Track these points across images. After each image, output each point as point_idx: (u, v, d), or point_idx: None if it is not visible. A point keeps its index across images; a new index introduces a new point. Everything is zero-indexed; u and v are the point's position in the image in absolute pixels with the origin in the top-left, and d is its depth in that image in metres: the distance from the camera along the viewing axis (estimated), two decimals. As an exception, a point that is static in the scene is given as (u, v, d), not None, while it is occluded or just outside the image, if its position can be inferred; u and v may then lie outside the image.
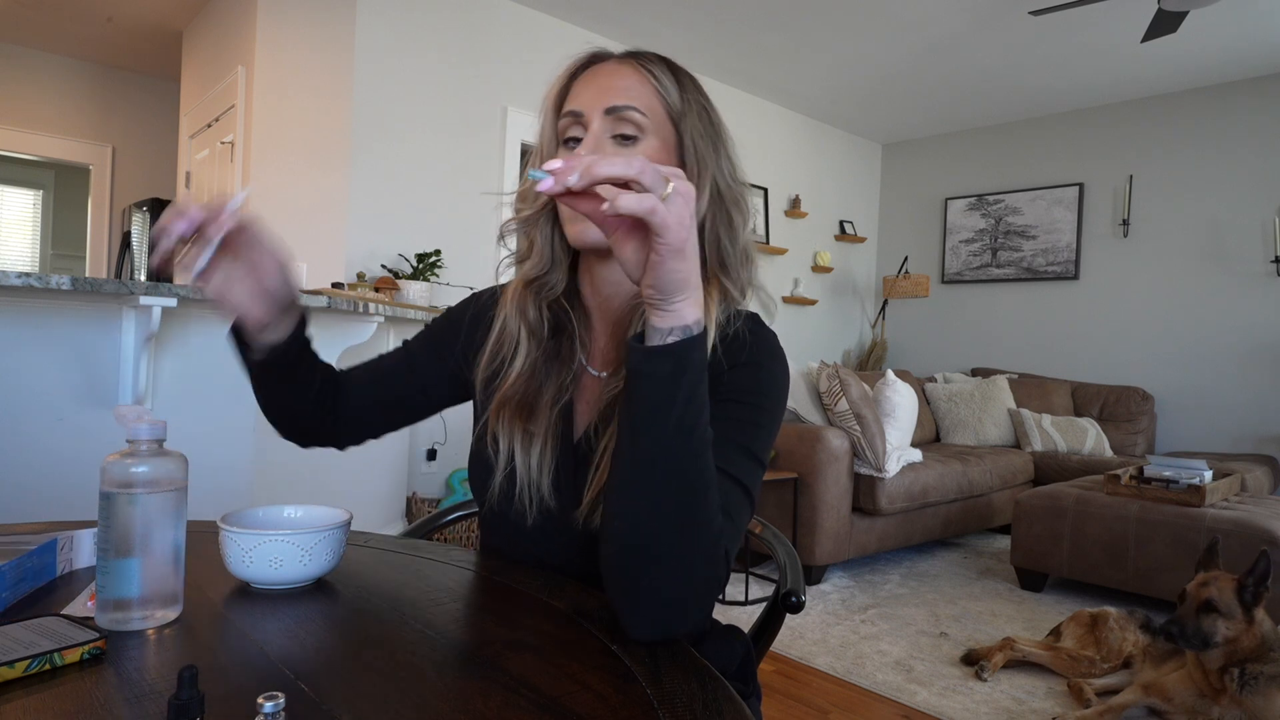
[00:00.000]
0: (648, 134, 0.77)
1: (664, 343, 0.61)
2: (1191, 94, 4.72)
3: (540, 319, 0.83)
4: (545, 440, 0.80)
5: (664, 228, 0.56)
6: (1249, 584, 1.89)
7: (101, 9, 4.32)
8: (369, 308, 2.31)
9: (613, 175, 0.55)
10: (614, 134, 0.77)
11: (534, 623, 0.68)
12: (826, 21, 4.04)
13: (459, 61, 3.73)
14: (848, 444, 3.18)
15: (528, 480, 0.79)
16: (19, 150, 4.95)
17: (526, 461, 0.80)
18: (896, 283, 5.65)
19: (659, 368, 0.61)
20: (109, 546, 0.63)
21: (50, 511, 1.79)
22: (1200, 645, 1.88)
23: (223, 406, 2.14)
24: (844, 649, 2.47)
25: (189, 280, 0.72)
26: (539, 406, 0.81)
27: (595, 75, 0.80)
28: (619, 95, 0.77)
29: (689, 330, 0.61)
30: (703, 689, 0.56)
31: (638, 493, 0.63)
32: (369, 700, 0.52)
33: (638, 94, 0.78)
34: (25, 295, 1.78)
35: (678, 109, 0.79)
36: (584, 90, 0.79)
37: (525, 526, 0.81)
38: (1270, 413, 4.39)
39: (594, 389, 0.83)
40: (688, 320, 0.61)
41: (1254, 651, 1.84)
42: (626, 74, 0.79)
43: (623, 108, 0.76)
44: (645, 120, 0.77)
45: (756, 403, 0.75)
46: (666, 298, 0.60)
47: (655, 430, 0.62)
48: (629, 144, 0.77)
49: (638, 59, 0.80)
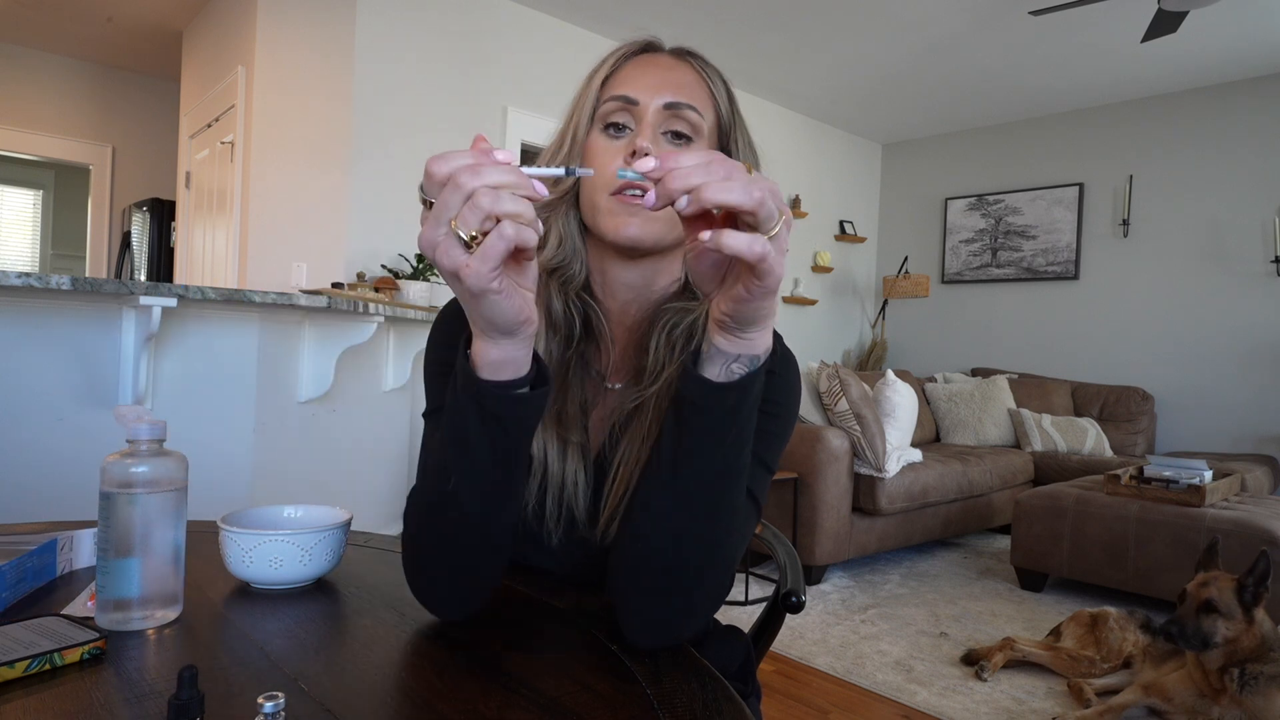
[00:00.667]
0: (700, 138, 0.74)
1: (730, 377, 0.56)
2: (1191, 94, 4.72)
3: (567, 312, 0.76)
4: (579, 452, 0.74)
5: (767, 272, 0.49)
6: (1249, 584, 1.89)
7: (101, 9, 4.32)
8: (369, 308, 2.31)
9: (729, 203, 0.46)
10: (667, 129, 0.73)
11: (534, 623, 0.67)
12: (826, 21, 4.04)
13: (459, 61, 3.73)
14: (848, 444, 3.18)
15: (561, 495, 0.74)
16: (19, 150, 4.95)
17: (561, 472, 0.73)
18: (896, 283, 5.65)
19: (719, 402, 0.57)
20: (109, 546, 0.63)
21: (50, 511, 1.79)
22: (1200, 646, 1.88)
23: (223, 406, 2.14)
24: (844, 649, 2.47)
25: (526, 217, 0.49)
26: (571, 413, 0.74)
27: (652, 64, 0.75)
28: (680, 91, 0.73)
29: (756, 360, 0.56)
30: (703, 689, 0.56)
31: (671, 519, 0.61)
32: (369, 700, 0.52)
33: (696, 94, 0.74)
34: (25, 295, 1.78)
35: (728, 120, 0.76)
36: (640, 76, 0.74)
37: (550, 544, 0.76)
38: (1270, 413, 4.39)
39: (607, 401, 0.78)
40: (758, 350, 0.56)
41: (1254, 652, 1.84)
42: (686, 71, 0.75)
43: (683, 105, 0.72)
44: (701, 123, 0.73)
45: (772, 411, 0.72)
46: (743, 327, 0.54)
47: (701, 463, 0.59)
48: (680, 143, 0.73)
49: (694, 59, 0.77)
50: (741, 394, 0.56)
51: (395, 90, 3.52)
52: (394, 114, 3.51)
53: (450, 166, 0.48)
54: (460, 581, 0.65)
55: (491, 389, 0.56)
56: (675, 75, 0.74)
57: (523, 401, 0.57)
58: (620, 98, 0.72)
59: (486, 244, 0.48)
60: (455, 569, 0.64)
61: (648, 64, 0.75)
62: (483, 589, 0.67)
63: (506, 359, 0.56)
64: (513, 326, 0.54)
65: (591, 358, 0.79)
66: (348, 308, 2.24)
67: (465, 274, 0.49)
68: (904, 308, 5.96)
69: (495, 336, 0.55)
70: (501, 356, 0.56)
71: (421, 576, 0.66)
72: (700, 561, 0.62)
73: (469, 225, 0.48)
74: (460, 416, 0.59)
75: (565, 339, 0.77)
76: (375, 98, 3.45)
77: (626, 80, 0.74)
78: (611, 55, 0.77)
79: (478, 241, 0.48)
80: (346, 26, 3.42)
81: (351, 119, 3.39)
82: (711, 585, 0.64)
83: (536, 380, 0.59)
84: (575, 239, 0.77)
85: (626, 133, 0.73)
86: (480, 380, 0.56)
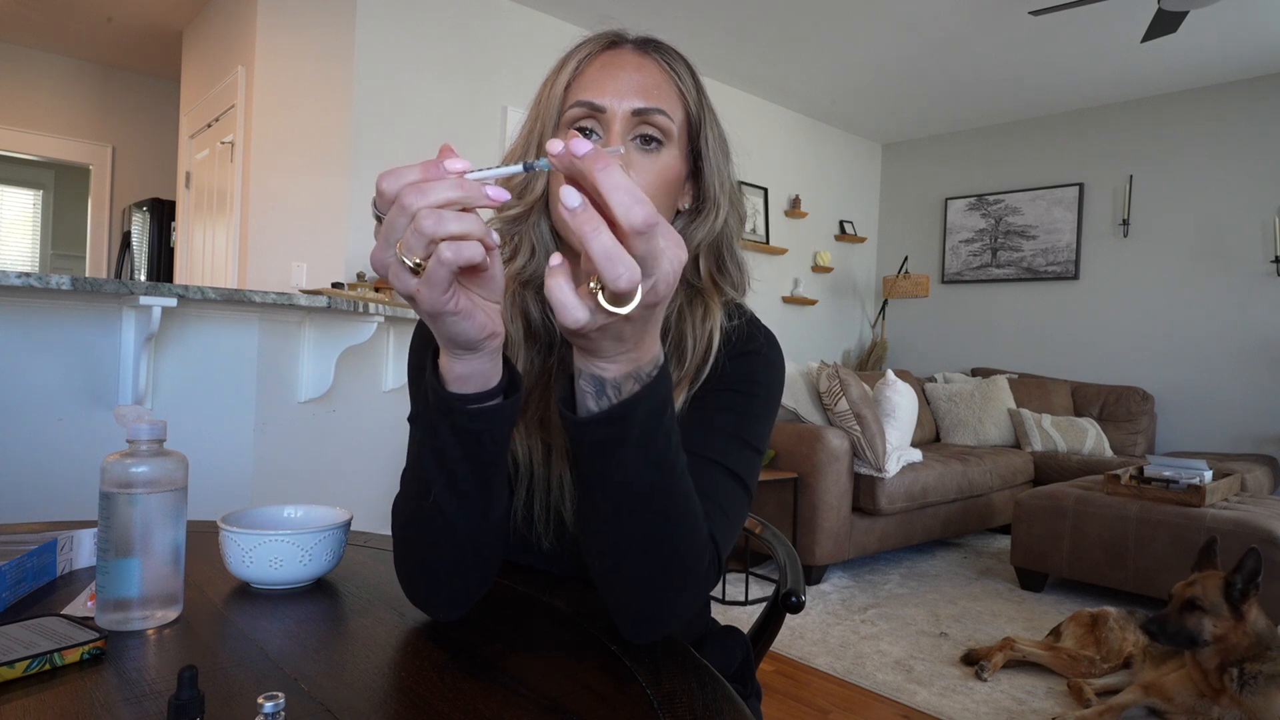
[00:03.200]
0: (670, 141, 0.71)
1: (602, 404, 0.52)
2: (1191, 94, 4.72)
3: (545, 321, 0.76)
4: (565, 456, 0.73)
5: (580, 336, 0.47)
6: (1237, 581, 1.88)
7: (101, 9, 4.32)
8: (369, 308, 2.31)
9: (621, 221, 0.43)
10: (635, 135, 0.70)
11: (534, 623, 0.67)
12: (826, 21, 4.04)
13: (459, 61, 3.73)
14: (848, 444, 3.18)
15: (548, 499, 0.73)
16: (19, 150, 4.95)
17: (546, 477, 0.73)
18: (896, 283, 5.65)
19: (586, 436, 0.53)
20: (109, 546, 0.63)
21: (50, 511, 1.79)
22: (1187, 643, 1.88)
23: (223, 407, 2.14)
24: (844, 649, 2.47)
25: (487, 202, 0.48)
26: (555, 418, 0.73)
27: (617, 64, 0.71)
28: (648, 94, 0.70)
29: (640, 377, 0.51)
30: (703, 689, 0.56)
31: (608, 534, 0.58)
32: (369, 700, 0.52)
33: (664, 95, 0.71)
34: (25, 295, 1.78)
35: (697, 117, 0.73)
36: (605, 81, 0.70)
37: (542, 548, 0.75)
38: (1270, 413, 4.39)
39: None
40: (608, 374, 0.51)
41: (1249, 650, 1.84)
42: (653, 71, 0.71)
43: (652, 110, 0.69)
44: (670, 126, 0.70)
45: (752, 391, 0.72)
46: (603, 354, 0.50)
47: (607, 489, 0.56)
48: (650, 147, 0.70)
49: (661, 54, 0.74)
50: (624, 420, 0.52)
51: (395, 90, 3.52)
52: (394, 113, 3.51)
53: (397, 185, 0.46)
54: (450, 584, 0.65)
55: (460, 403, 0.55)
56: (642, 76, 0.70)
57: (493, 414, 0.56)
58: (586, 104, 0.70)
59: (429, 271, 0.47)
60: (443, 573, 0.64)
61: (613, 64, 0.71)
62: (474, 590, 0.67)
63: (473, 373, 0.55)
64: (475, 343, 0.53)
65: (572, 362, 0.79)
66: (348, 308, 2.24)
67: (418, 299, 0.49)
68: (904, 308, 5.96)
69: (459, 352, 0.54)
70: (467, 370, 0.54)
71: (411, 578, 0.66)
72: (650, 569, 0.59)
73: (413, 251, 0.46)
74: (432, 430, 0.58)
75: (546, 347, 0.76)
76: (375, 97, 3.45)
77: (592, 84, 0.70)
78: (574, 55, 0.73)
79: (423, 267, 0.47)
80: (347, 26, 3.42)
81: (351, 119, 3.39)
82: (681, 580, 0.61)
83: (509, 388, 0.58)
84: (549, 247, 0.75)
85: (594, 139, 0.71)
86: (449, 394, 0.55)
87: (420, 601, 0.67)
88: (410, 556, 0.65)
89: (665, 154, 0.71)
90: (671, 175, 0.72)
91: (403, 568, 0.66)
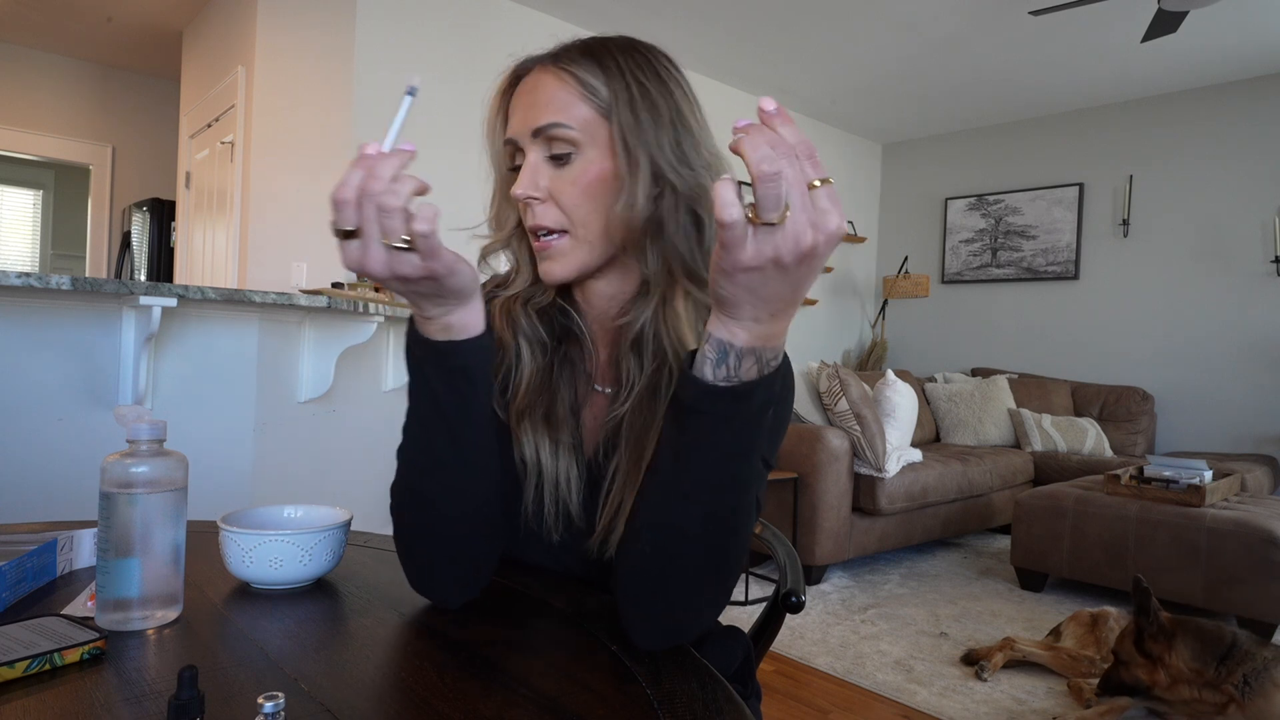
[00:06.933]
0: (584, 147, 0.70)
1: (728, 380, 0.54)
2: (1191, 94, 4.72)
3: (534, 325, 0.78)
4: (571, 450, 0.75)
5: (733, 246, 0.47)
6: (1145, 625, 1.84)
7: (101, 9, 4.32)
8: (369, 308, 2.31)
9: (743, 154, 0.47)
10: (547, 154, 0.71)
11: (534, 623, 0.67)
12: (826, 21, 4.04)
13: (459, 61, 3.73)
14: (848, 444, 3.18)
15: (556, 494, 0.74)
16: (19, 150, 4.95)
17: (555, 471, 0.74)
18: (896, 283, 5.65)
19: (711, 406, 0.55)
20: (109, 546, 0.63)
21: (50, 511, 1.79)
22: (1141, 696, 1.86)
23: (223, 407, 2.14)
24: (844, 649, 2.47)
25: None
26: (560, 414, 0.76)
27: (522, 92, 0.73)
28: (543, 112, 0.70)
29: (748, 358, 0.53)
30: (703, 689, 0.56)
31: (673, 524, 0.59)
32: (369, 700, 0.52)
33: (561, 105, 0.70)
34: (25, 295, 1.78)
35: (607, 104, 0.70)
36: (515, 112, 0.73)
37: (551, 542, 0.76)
38: (1270, 413, 4.39)
39: (599, 404, 0.78)
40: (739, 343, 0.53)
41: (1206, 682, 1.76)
42: (548, 84, 0.71)
43: (547, 127, 0.69)
44: (576, 134, 0.69)
45: None
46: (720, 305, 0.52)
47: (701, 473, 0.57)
48: (563, 164, 0.70)
49: (556, 61, 0.73)
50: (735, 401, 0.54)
51: (395, 89, 3.52)
52: (394, 113, 3.51)
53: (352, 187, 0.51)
54: (456, 560, 0.68)
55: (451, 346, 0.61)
56: (537, 95, 0.71)
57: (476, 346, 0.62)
58: (508, 142, 0.74)
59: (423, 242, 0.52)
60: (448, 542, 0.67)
61: (522, 94, 0.73)
62: (477, 574, 0.69)
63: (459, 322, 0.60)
64: (472, 288, 0.59)
65: (579, 360, 0.79)
66: (348, 308, 2.24)
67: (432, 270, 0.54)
68: (904, 308, 5.96)
69: (452, 305, 0.59)
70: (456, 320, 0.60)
71: (416, 557, 0.69)
72: (704, 567, 0.61)
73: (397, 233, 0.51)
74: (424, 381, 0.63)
75: (543, 348, 0.79)
76: (375, 97, 3.45)
77: (510, 120, 0.74)
78: (495, 96, 0.77)
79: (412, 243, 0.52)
80: (347, 26, 3.42)
81: (351, 118, 3.39)
82: (716, 590, 0.63)
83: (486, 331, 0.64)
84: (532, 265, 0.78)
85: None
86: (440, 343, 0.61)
87: (427, 586, 0.69)
88: (414, 530, 0.68)
89: (580, 160, 0.70)
90: (593, 177, 0.70)
91: (406, 546, 0.69)
